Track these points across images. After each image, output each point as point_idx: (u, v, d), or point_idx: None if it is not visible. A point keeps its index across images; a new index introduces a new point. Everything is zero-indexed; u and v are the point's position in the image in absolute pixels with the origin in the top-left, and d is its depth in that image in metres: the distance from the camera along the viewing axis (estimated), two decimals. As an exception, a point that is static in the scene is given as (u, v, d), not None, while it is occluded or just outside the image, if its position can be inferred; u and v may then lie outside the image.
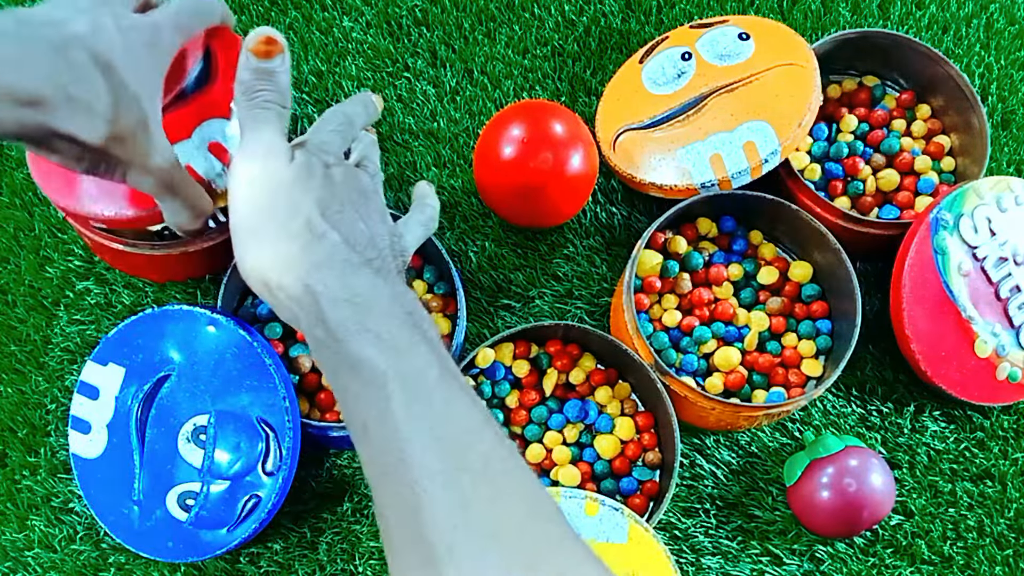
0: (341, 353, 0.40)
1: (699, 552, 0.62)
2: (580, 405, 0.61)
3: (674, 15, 0.74)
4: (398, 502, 0.37)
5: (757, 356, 0.63)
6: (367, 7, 0.73)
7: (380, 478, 0.38)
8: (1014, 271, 0.64)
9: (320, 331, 0.41)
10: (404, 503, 0.37)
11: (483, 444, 0.39)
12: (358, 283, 0.41)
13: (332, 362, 0.41)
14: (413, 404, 0.38)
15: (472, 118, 0.71)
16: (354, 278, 0.41)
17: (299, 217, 0.42)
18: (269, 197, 0.43)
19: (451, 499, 0.36)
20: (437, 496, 0.36)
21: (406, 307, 0.42)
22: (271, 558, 0.60)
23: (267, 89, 0.45)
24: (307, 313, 0.41)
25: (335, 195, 0.44)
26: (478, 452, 0.38)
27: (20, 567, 0.59)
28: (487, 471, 0.38)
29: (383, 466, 0.38)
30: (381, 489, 0.38)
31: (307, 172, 0.44)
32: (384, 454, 0.38)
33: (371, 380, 0.39)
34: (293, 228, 0.42)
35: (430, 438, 0.38)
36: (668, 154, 0.64)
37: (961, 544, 0.63)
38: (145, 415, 0.58)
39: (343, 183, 0.45)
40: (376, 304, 0.41)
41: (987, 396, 0.64)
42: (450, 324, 0.62)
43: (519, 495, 0.38)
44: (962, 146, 0.68)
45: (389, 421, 0.38)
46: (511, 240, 0.68)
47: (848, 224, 0.64)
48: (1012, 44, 0.75)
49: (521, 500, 0.38)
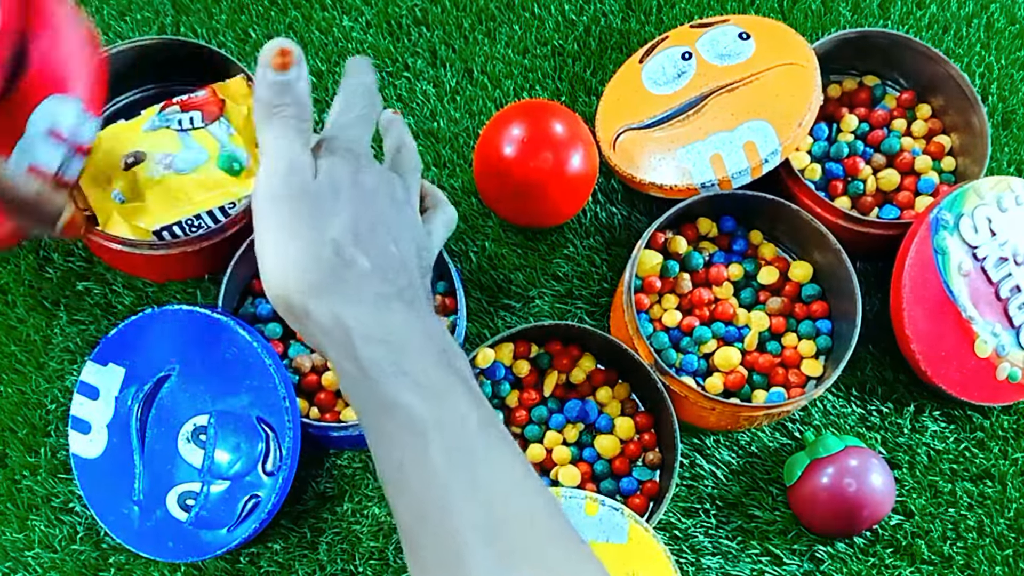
0: (376, 393, 0.38)
1: (699, 552, 0.62)
2: (580, 405, 0.61)
3: (674, 15, 0.74)
4: (440, 550, 0.36)
5: (757, 356, 0.63)
6: (367, 7, 0.73)
7: (418, 522, 0.37)
8: (1014, 271, 0.64)
9: (351, 366, 0.39)
10: (447, 550, 0.36)
11: (525, 497, 0.38)
12: (392, 320, 0.39)
13: (363, 399, 0.39)
14: (453, 452, 0.37)
15: (472, 118, 0.71)
16: (388, 314, 0.39)
17: (326, 241, 0.39)
18: (293, 217, 0.40)
19: (494, 554, 0.35)
20: (478, 550, 0.35)
21: (440, 344, 0.40)
22: (271, 558, 0.60)
23: (287, 103, 0.42)
24: (337, 346, 0.39)
25: (365, 212, 0.41)
26: (521, 505, 0.37)
27: (20, 567, 0.59)
28: (532, 526, 0.37)
29: (422, 511, 0.37)
30: (418, 532, 0.37)
31: (334, 189, 0.41)
32: (423, 501, 0.37)
33: (407, 425, 0.37)
34: (321, 253, 0.39)
35: (471, 488, 0.36)
36: (668, 154, 0.64)
37: (961, 544, 0.63)
38: (145, 415, 0.58)
39: (374, 194, 0.42)
40: (410, 343, 0.39)
41: (987, 396, 0.64)
42: (450, 324, 0.62)
43: (562, 551, 0.37)
44: (962, 146, 0.68)
45: (428, 467, 0.37)
46: (511, 240, 0.68)
47: (848, 224, 0.64)
48: (1012, 44, 0.75)
49: (565, 558, 0.37)
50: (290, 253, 0.40)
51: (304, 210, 0.40)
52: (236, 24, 0.72)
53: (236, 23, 0.72)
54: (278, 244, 0.40)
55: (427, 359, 0.39)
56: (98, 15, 0.72)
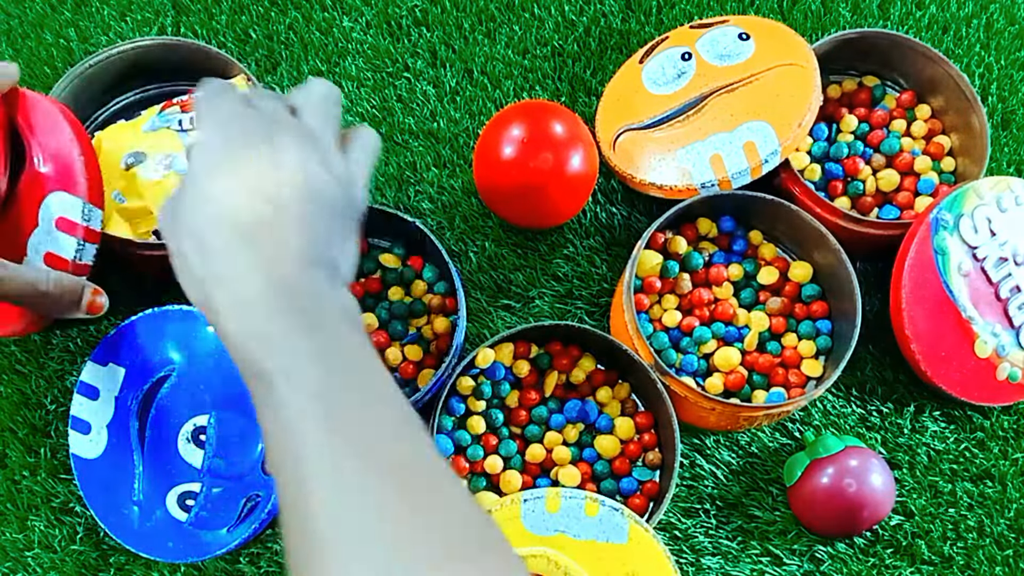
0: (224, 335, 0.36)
1: (699, 552, 0.62)
2: (580, 405, 0.61)
3: (674, 15, 0.74)
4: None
5: (757, 356, 0.63)
6: (367, 7, 0.73)
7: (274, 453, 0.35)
8: (1014, 271, 0.64)
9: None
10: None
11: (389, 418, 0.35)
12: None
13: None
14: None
15: (472, 118, 0.71)
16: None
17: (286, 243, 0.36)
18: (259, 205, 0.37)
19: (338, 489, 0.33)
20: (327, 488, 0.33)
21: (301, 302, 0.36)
22: (271, 558, 0.60)
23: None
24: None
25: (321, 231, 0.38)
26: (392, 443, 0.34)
27: (20, 567, 0.59)
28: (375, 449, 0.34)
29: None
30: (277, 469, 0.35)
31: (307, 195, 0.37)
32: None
33: (267, 384, 0.35)
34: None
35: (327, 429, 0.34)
36: (668, 154, 0.65)
37: (961, 544, 0.63)
38: (145, 415, 0.58)
39: (331, 209, 0.39)
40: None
41: (987, 396, 0.64)
42: (450, 324, 0.62)
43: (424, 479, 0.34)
44: (962, 146, 0.68)
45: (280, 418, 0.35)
46: (511, 240, 0.68)
47: (848, 224, 0.64)
48: (1012, 44, 0.75)
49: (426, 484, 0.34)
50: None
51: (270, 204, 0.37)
52: (236, 25, 0.72)
53: (236, 24, 0.72)
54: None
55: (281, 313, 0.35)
56: (98, 15, 0.72)
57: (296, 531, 0.33)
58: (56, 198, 0.52)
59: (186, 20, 0.72)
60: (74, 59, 0.70)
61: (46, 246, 0.52)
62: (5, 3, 0.72)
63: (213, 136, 0.38)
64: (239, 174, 0.37)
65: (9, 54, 0.71)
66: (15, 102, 0.53)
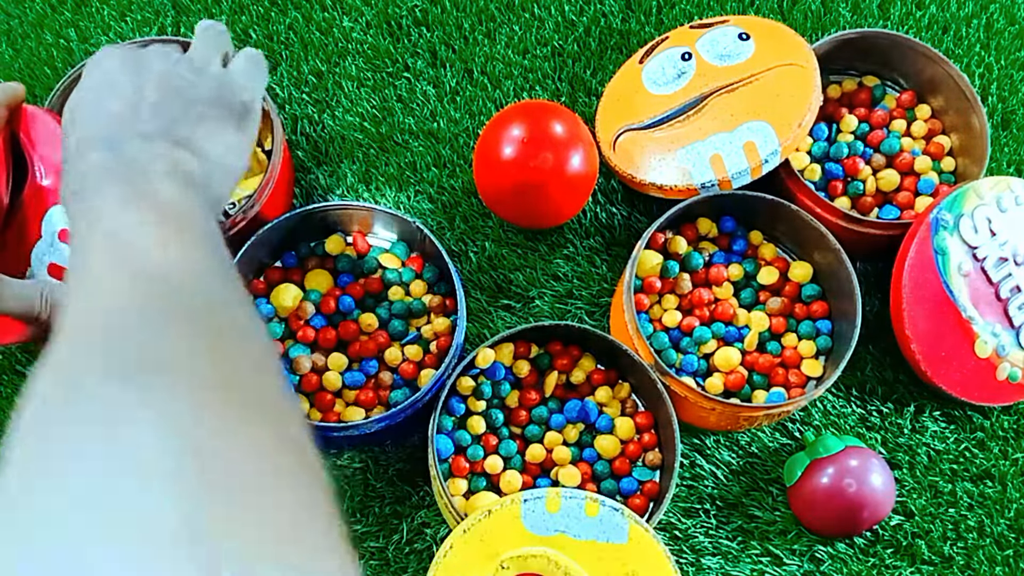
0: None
1: (699, 552, 0.62)
2: (580, 405, 0.61)
3: (674, 15, 0.74)
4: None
5: (757, 356, 0.63)
6: (367, 7, 0.73)
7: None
8: (1014, 271, 0.64)
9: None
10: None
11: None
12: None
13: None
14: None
15: (472, 118, 0.71)
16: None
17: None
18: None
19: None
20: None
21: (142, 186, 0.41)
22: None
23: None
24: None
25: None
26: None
27: (20, 567, 0.59)
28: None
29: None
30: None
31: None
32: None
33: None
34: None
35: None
36: (668, 154, 0.65)
37: (961, 544, 0.63)
38: (145, 415, 0.58)
39: (190, 100, 0.46)
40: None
41: (987, 396, 0.64)
42: (450, 324, 0.62)
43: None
44: (962, 146, 0.68)
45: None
46: (511, 240, 0.68)
47: (848, 224, 0.64)
48: (1012, 44, 0.75)
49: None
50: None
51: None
52: (236, 24, 0.72)
53: (236, 23, 0.72)
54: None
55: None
56: (98, 15, 0.72)
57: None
58: (58, 210, 0.53)
59: (186, 20, 0.72)
60: (74, 59, 0.71)
61: (50, 257, 0.53)
62: (5, 3, 0.72)
63: (112, 60, 0.47)
64: (116, 86, 0.46)
65: (9, 54, 0.71)
66: (17, 117, 0.54)
